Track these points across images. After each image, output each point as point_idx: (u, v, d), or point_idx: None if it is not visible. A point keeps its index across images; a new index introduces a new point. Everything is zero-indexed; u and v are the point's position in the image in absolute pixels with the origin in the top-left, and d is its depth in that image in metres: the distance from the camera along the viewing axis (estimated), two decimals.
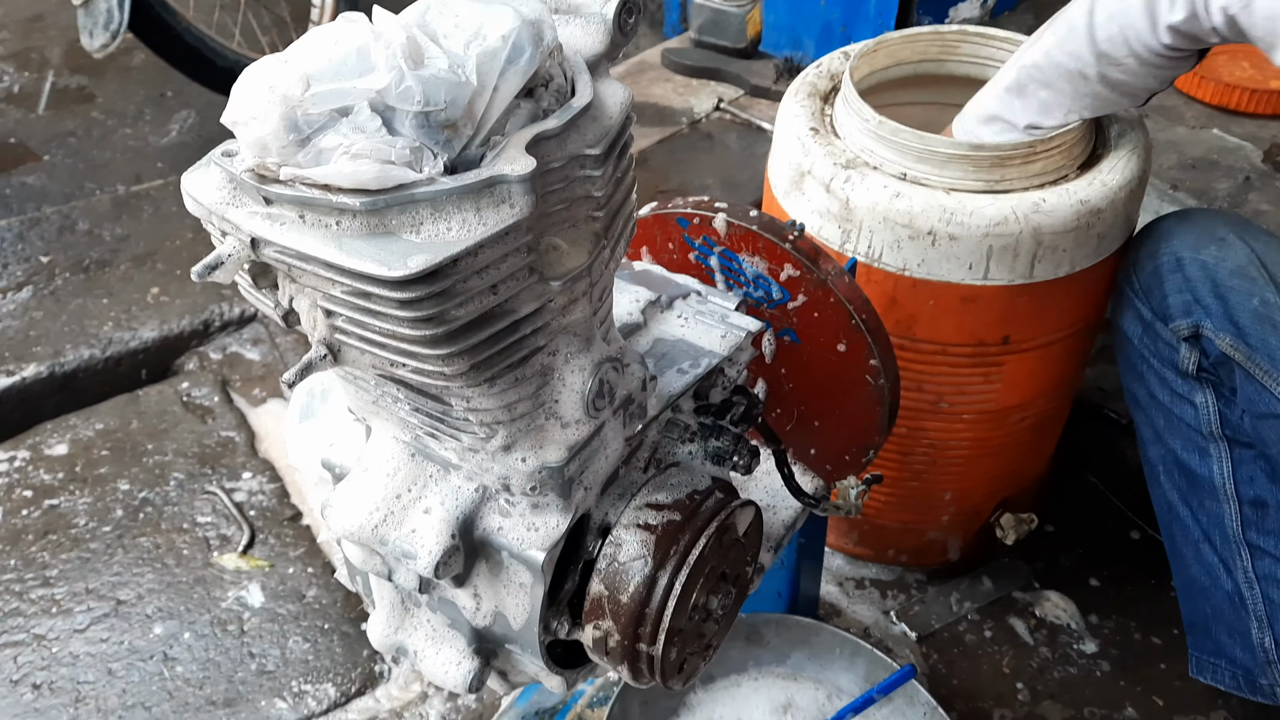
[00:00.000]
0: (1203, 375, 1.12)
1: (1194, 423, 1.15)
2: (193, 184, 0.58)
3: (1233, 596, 1.16)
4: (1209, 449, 1.15)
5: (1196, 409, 1.14)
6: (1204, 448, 1.15)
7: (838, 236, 1.16)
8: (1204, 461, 1.15)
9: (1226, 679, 1.20)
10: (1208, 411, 1.13)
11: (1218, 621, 1.19)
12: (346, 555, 0.76)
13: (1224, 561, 1.16)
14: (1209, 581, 1.19)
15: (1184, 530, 1.20)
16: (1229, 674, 1.20)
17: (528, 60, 0.57)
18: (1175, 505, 1.21)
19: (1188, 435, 1.16)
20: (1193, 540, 1.19)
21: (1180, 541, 1.22)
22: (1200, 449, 1.15)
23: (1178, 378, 1.14)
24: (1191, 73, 1.94)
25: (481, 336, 0.59)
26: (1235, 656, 1.18)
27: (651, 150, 2.09)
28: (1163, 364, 1.15)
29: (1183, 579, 1.24)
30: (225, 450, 1.64)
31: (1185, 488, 1.19)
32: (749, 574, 0.83)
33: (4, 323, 1.82)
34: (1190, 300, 1.10)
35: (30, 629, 1.40)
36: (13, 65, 2.63)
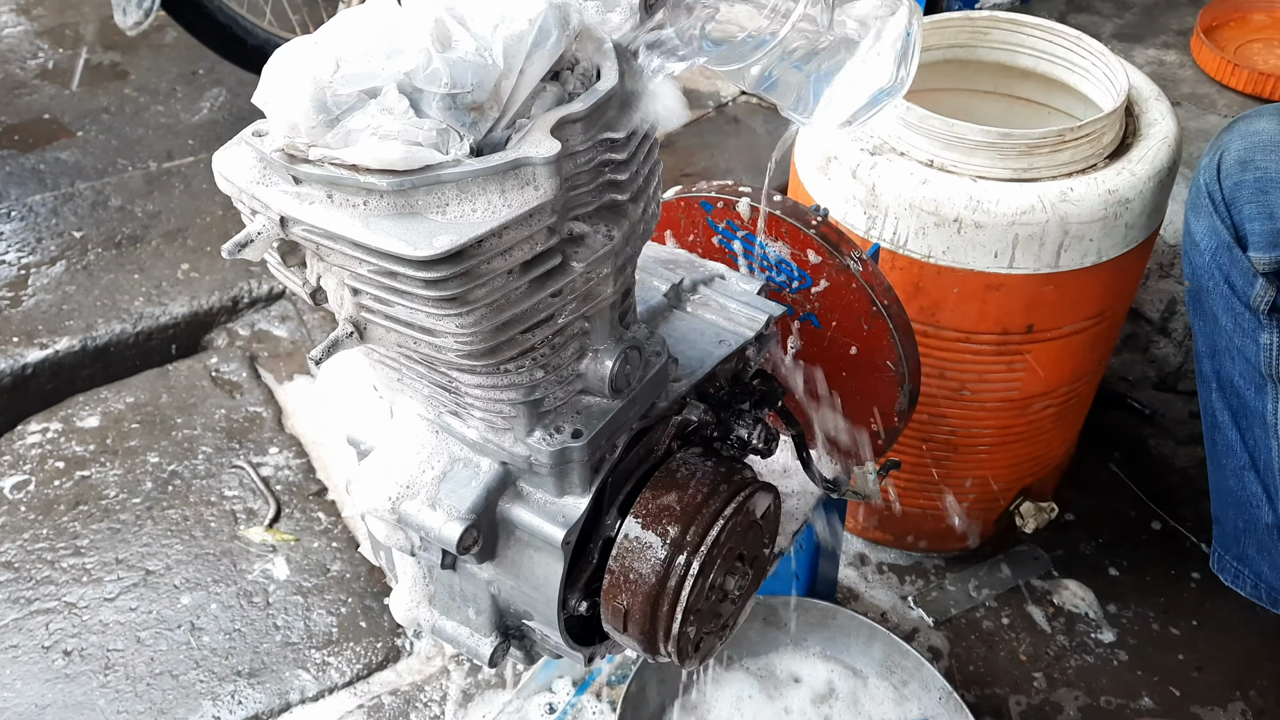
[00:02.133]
0: (1274, 315, 1.04)
1: (1254, 359, 1.07)
2: (224, 163, 0.59)
3: (1270, 528, 1.12)
4: (1265, 387, 1.07)
5: (1259, 347, 1.06)
6: (1260, 384, 1.08)
7: (863, 222, 1.16)
8: (1259, 396, 1.08)
9: (1248, 587, 1.18)
10: (1270, 353, 1.05)
11: (1249, 535, 1.15)
12: (371, 530, 0.77)
13: (1266, 490, 1.11)
14: (1246, 501, 1.14)
15: (1229, 448, 1.14)
16: (1251, 583, 1.17)
17: (554, 43, 0.58)
18: (1223, 423, 1.14)
19: (1245, 367, 1.09)
20: (1236, 461, 1.14)
21: (1222, 454, 1.16)
22: (1257, 384, 1.08)
23: (1245, 310, 1.05)
24: (1225, 61, 1.92)
25: (505, 317, 0.60)
26: (1262, 572, 1.15)
27: (677, 133, 2.09)
28: (1231, 290, 1.06)
29: (1218, 484, 1.19)
30: (253, 425, 1.66)
31: (1236, 408, 1.12)
32: (766, 556, 0.84)
33: (38, 296, 1.85)
34: (1278, 231, 0.99)
35: (61, 597, 1.43)
36: (47, 41, 2.65)
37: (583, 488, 0.72)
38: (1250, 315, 1.05)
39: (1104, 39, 1.85)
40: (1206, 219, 1.06)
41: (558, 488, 0.71)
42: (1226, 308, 1.08)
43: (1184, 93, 1.94)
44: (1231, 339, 1.09)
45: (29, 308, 1.82)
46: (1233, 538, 1.18)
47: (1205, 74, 1.99)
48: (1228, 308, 1.07)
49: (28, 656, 1.36)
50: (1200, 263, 1.08)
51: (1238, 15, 2.10)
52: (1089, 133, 1.11)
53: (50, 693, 1.32)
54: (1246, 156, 1.02)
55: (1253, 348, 1.07)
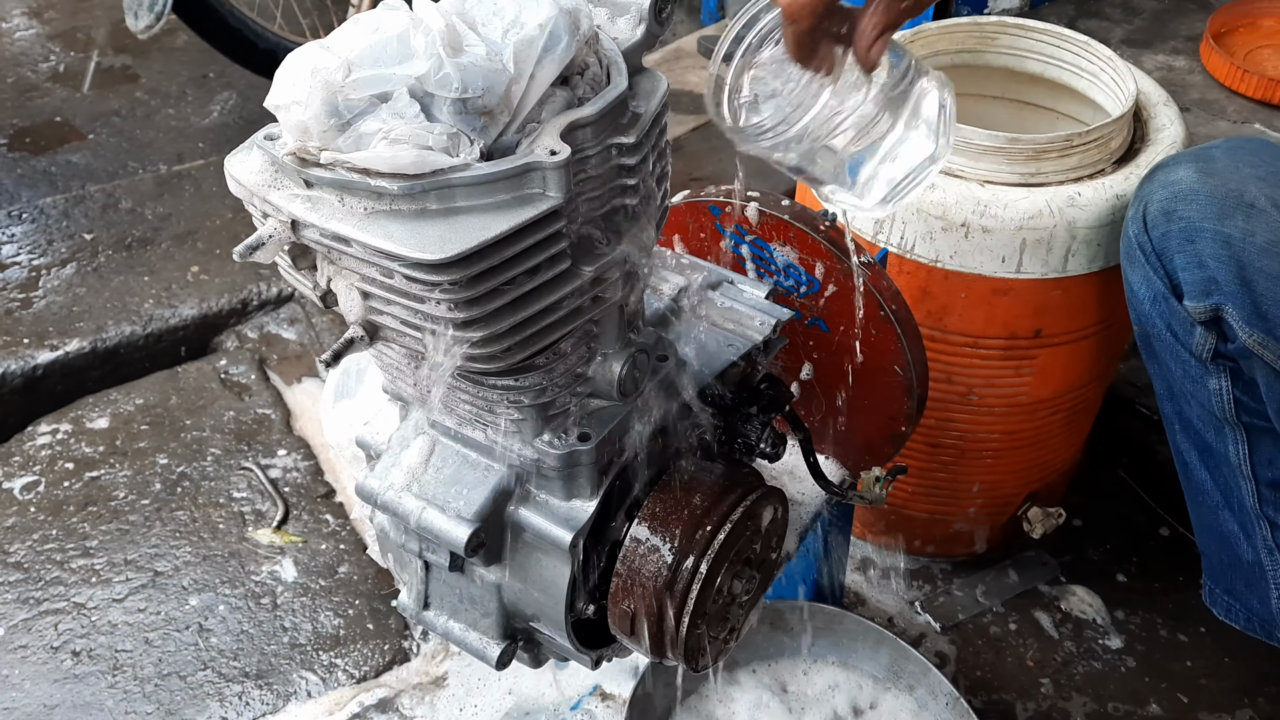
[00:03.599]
0: (1219, 360, 1.03)
1: (1207, 404, 1.06)
2: (236, 166, 0.59)
3: (1252, 565, 1.12)
4: (1224, 429, 1.07)
5: (1210, 393, 1.05)
6: (1219, 427, 1.08)
7: (870, 227, 1.16)
8: (1219, 439, 1.08)
9: (1241, 620, 1.18)
10: (1222, 398, 1.05)
11: (1235, 571, 1.15)
12: (379, 532, 0.78)
13: (1243, 528, 1.11)
14: (1226, 538, 1.14)
15: (1201, 488, 1.14)
16: (1244, 616, 1.17)
17: (564, 48, 0.58)
18: (1192, 464, 1.14)
19: (1201, 411, 1.08)
20: (1211, 501, 1.13)
21: (1196, 491, 1.15)
22: (1215, 427, 1.08)
23: (1190, 357, 1.05)
24: (1235, 67, 1.92)
25: (514, 320, 0.60)
26: (1252, 606, 1.15)
27: (686, 138, 2.09)
28: (1175, 339, 1.05)
29: (1199, 520, 1.18)
30: (261, 427, 1.67)
31: (1202, 449, 1.11)
32: (774, 560, 0.84)
33: (49, 298, 1.86)
34: (1209, 279, 0.98)
35: (70, 597, 1.43)
36: (59, 44, 2.67)
37: (590, 491, 0.72)
38: (1196, 363, 1.05)
39: (1113, 44, 1.84)
40: (1140, 269, 1.05)
41: (565, 491, 0.72)
42: (1174, 356, 1.07)
43: (1193, 98, 1.93)
44: (1183, 385, 1.08)
45: (39, 309, 1.83)
46: (1220, 572, 1.19)
47: (1215, 80, 1.98)
48: (1174, 355, 1.07)
49: (37, 657, 1.37)
50: (1142, 311, 1.08)
51: (1248, 21, 2.09)
52: (1097, 138, 1.11)
53: (59, 693, 1.33)
54: (1169, 207, 1.02)
55: (1204, 393, 1.06)
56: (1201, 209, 0.99)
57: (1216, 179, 1.01)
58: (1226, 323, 0.99)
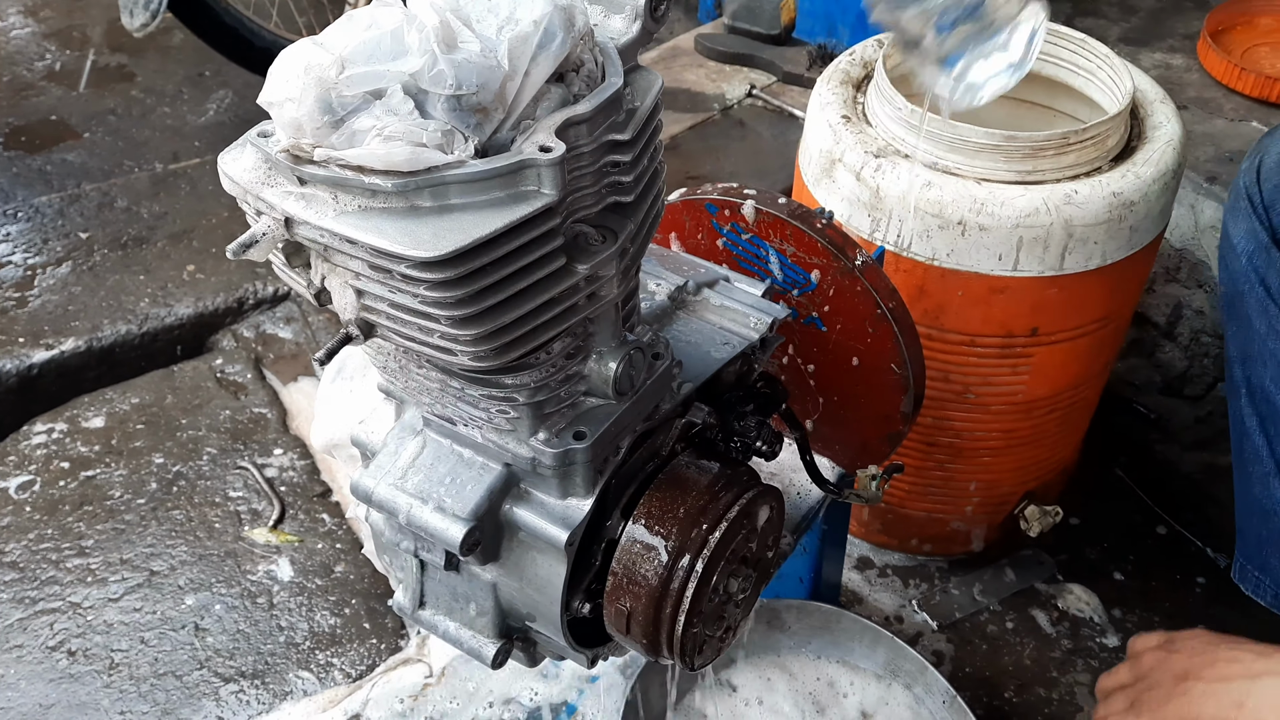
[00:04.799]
0: None
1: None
2: (229, 163, 0.59)
3: None
4: None
5: None
6: None
7: (867, 225, 1.16)
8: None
9: (1268, 596, 1.18)
10: None
11: (1272, 545, 1.16)
12: (374, 531, 0.77)
13: None
14: (1271, 509, 1.14)
15: (1255, 454, 1.15)
16: (1272, 593, 1.18)
17: (559, 45, 0.58)
18: (1251, 429, 1.15)
19: (1277, 372, 1.09)
20: (1263, 468, 1.14)
21: (1249, 460, 1.16)
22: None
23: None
24: (1232, 65, 1.92)
25: (509, 319, 0.60)
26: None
27: (683, 136, 2.09)
28: (1267, 293, 1.06)
29: (1243, 492, 1.20)
30: (257, 426, 1.66)
31: (1265, 414, 1.12)
32: (770, 559, 0.84)
33: (44, 297, 1.86)
34: None
35: (66, 597, 1.43)
36: (55, 43, 2.66)
37: (586, 489, 0.72)
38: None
39: (1110, 42, 1.84)
40: (1245, 221, 1.07)
41: (561, 489, 0.72)
42: (1261, 311, 1.08)
43: (1190, 96, 1.93)
44: (1265, 343, 1.09)
45: (35, 308, 1.83)
46: (1255, 547, 1.19)
47: (1212, 78, 1.98)
48: (1262, 311, 1.08)
49: (32, 656, 1.36)
50: (1236, 267, 1.09)
51: (1245, 19, 2.09)
52: (1094, 135, 1.11)
53: (55, 692, 1.33)
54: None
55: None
56: None
57: None
58: None
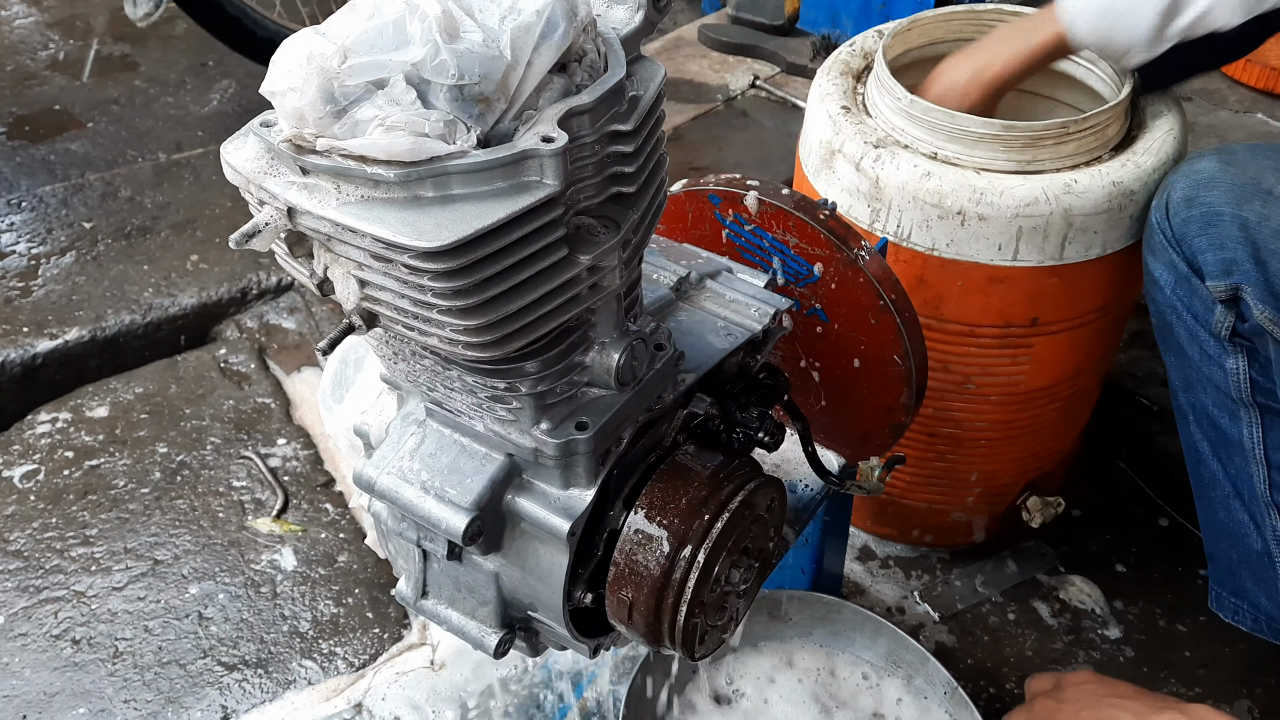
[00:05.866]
0: (1236, 340, 1.07)
1: (1223, 385, 1.10)
2: (231, 153, 0.59)
3: (1261, 555, 1.14)
4: (1239, 412, 1.11)
5: (1226, 373, 1.09)
6: (1234, 410, 1.11)
7: (867, 215, 1.16)
8: (1234, 423, 1.11)
9: (1249, 621, 1.19)
10: (1238, 377, 1.08)
11: (1243, 568, 1.17)
12: (376, 521, 0.78)
13: (1253, 518, 1.14)
14: (1236, 531, 1.16)
15: (1212, 479, 1.17)
16: (1251, 616, 1.19)
17: (561, 35, 0.58)
18: (1204, 454, 1.17)
19: (1217, 395, 1.12)
20: (1222, 492, 1.16)
21: (1208, 486, 1.18)
22: (1230, 411, 1.11)
23: (1210, 338, 1.09)
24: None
25: (511, 309, 0.60)
26: (1260, 604, 1.17)
27: (686, 127, 2.09)
28: (1195, 319, 1.10)
29: (1208, 518, 1.21)
30: (261, 416, 1.67)
31: (1215, 439, 1.15)
32: (772, 549, 0.84)
33: (48, 287, 1.86)
34: (1229, 260, 1.04)
35: (70, 586, 1.44)
36: (58, 32, 2.66)
37: (588, 480, 0.72)
38: (1215, 342, 1.09)
39: None
40: (1163, 256, 1.10)
41: (563, 480, 0.72)
42: (1191, 339, 1.11)
43: (1195, 88, 1.93)
44: (1200, 369, 1.12)
45: (39, 298, 1.83)
46: (1228, 572, 1.20)
47: (1218, 70, 1.98)
48: (1193, 338, 1.11)
49: (37, 645, 1.37)
50: (1162, 299, 1.13)
51: None
52: (1093, 125, 1.11)
53: (59, 681, 1.33)
54: (1190, 194, 1.07)
55: (1220, 374, 1.10)
56: (1221, 195, 1.05)
57: (1236, 168, 1.07)
58: (1244, 301, 1.04)
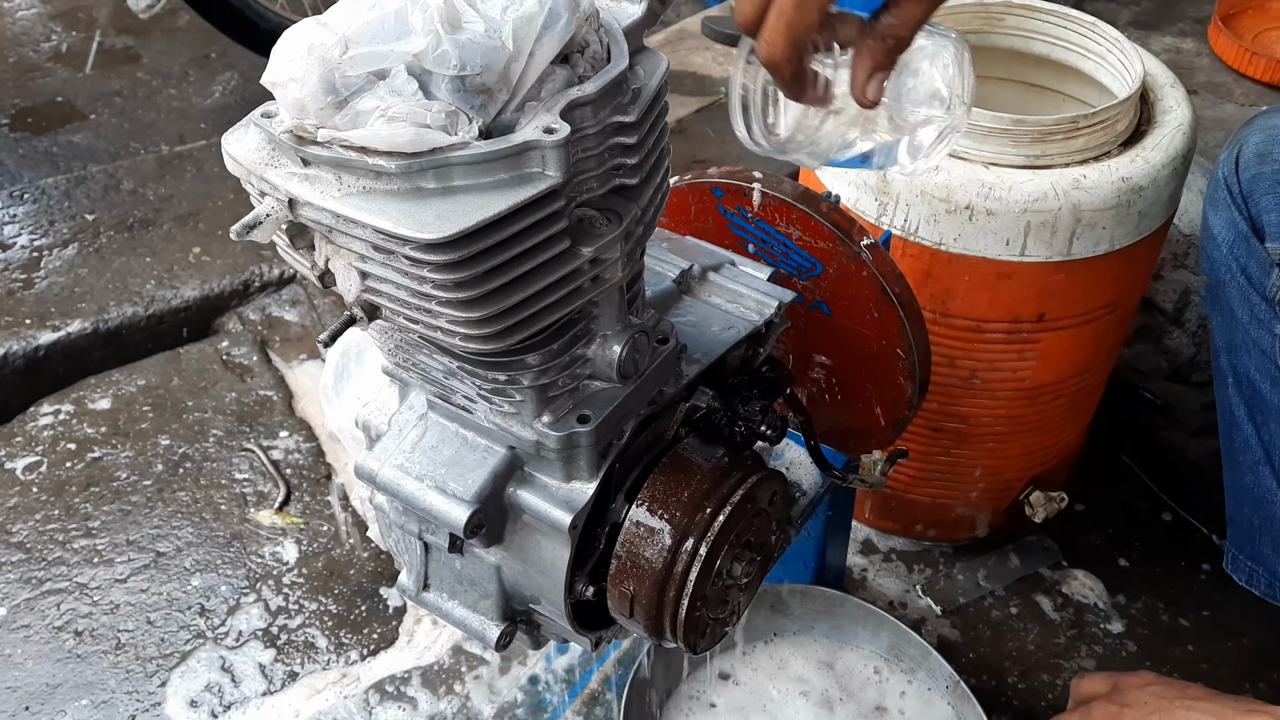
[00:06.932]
0: None
1: (1270, 351, 1.07)
2: (232, 144, 0.59)
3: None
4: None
5: (1274, 338, 1.06)
6: (1276, 377, 1.08)
7: (874, 209, 1.15)
8: (1275, 389, 1.08)
9: (1262, 586, 1.18)
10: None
11: (1264, 534, 1.15)
12: (378, 513, 0.77)
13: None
14: (1262, 497, 1.14)
15: (1244, 442, 1.15)
16: (1265, 581, 1.18)
17: (564, 26, 0.57)
18: (1239, 417, 1.14)
19: (1261, 360, 1.09)
20: (1252, 456, 1.14)
21: (1239, 449, 1.16)
22: (1273, 377, 1.08)
23: (1262, 301, 1.06)
24: (1243, 49, 1.91)
25: (513, 301, 0.60)
26: (1276, 570, 1.15)
27: (689, 119, 2.08)
28: (1248, 281, 1.06)
29: (1234, 481, 1.19)
30: (263, 409, 1.67)
31: (1252, 402, 1.12)
32: (774, 543, 0.84)
33: (50, 279, 1.86)
34: None
35: (73, 577, 1.44)
36: (61, 24, 2.66)
37: (590, 473, 0.72)
38: (1267, 306, 1.06)
39: (1120, 26, 1.83)
40: (1224, 212, 1.07)
41: (565, 473, 0.71)
42: (1243, 300, 1.08)
43: (1201, 81, 1.92)
44: (1248, 332, 1.09)
45: (41, 290, 1.83)
46: (1248, 536, 1.18)
47: (1223, 62, 1.97)
48: (1244, 300, 1.08)
49: (39, 636, 1.37)
50: (1218, 256, 1.09)
51: (1256, 3, 2.08)
52: (1103, 120, 1.10)
53: (61, 672, 1.33)
54: (1265, 149, 1.03)
55: (1268, 339, 1.07)
56: None
57: None
58: None
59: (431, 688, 1.31)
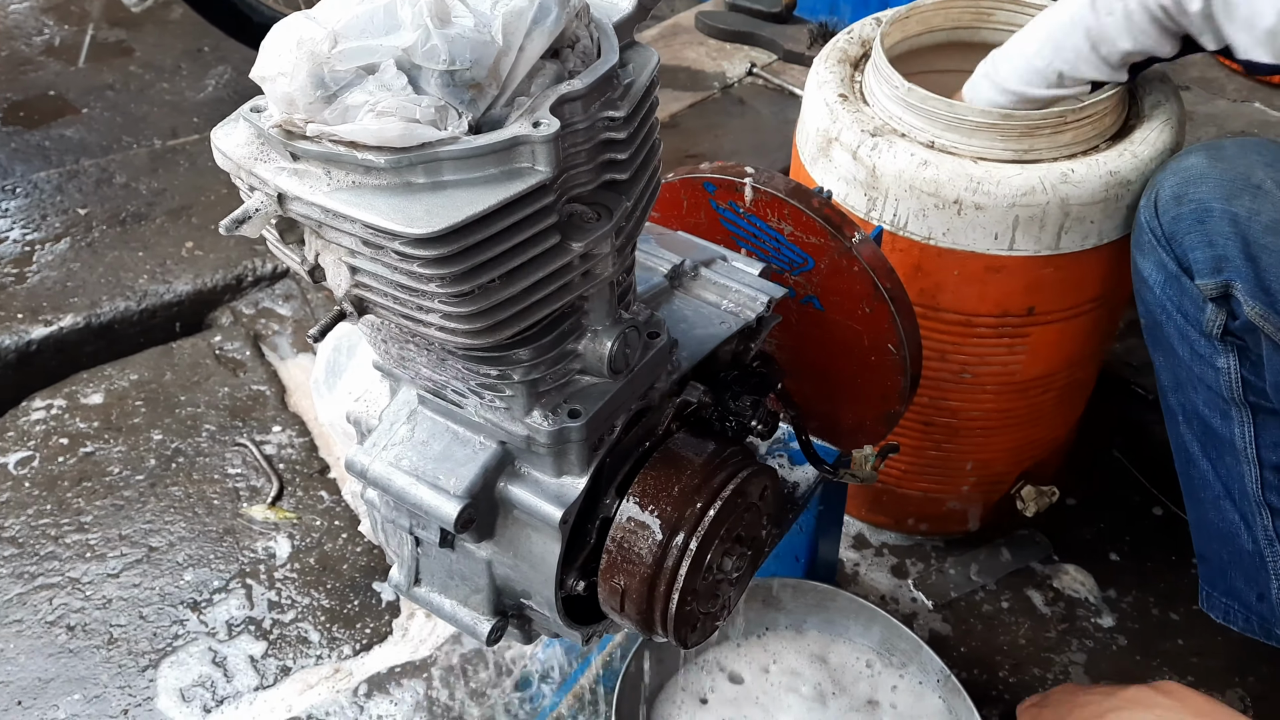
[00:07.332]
0: (1228, 338, 1.06)
1: (1214, 385, 1.09)
2: (222, 139, 0.59)
3: (1252, 555, 1.14)
4: (1230, 412, 1.09)
5: (1218, 372, 1.08)
6: (1225, 410, 1.10)
7: (864, 204, 1.15)
8: (1225, 423, 1.10)
9: (1240, 621, 1.19)
10: (1229, 376, 1.07)
11: (1235, 568, 1.16)
12: (369, 508, 0.78)
13: (1244, 518, 1.13)
14: (1227, 532, 1.15)
15: (1202, 479, 1.16)
16: (1242, 616, 1.18)
17: (554, 21, 0.57)
18: (1194, 454, 1.16)
19: (1208, 395, 1.11)
20: (1212, 492, 1.15)
21: (1198, 486, 1.17)
22: (1221, 411, 1.10)
23: (1200, 337, 1.08)
24: None
25: (503, 296, 0.60)
26: (1250, 604, 1.16)
27: (682, 114, 2.08)
28: (1185, 319, 1.08)
29: (1197, 518, 1.20)
30: (256, 403, 1.67)
31: (1205, 438, 1.14)
32: (765, 538, 0.84)
33: (43, 273, 1.85)
34: (1219, 257, 1.02)
35: (65, 572, 1.44)
36: (53, 18, 2.65)
37: (581, 468, 0.72)
38: (1205, 341, 1.08)
39: None
40: (1152, 255, 1.09)
41: (556, 467, 0.72)
42: (1182, 338, 1.10)
43: (1192, 76, 1.93)
44: (1190, 369, 1.11)
45: (33, 284, 1.83)
46: (1219, 572, 1.20)
47: (1214, 58, 1.97)
48: (1183, 338, 1.10)
49: (31, 631, 1.37)
50: (1151, 299, 1.11)
51: None
52: (1091, 114, 1.10)
53: (54, 667, 1.33)
54: (1180, 191, 1.05)
55: (1212, 374, 1.09)
56: (1210, 190, 1.03)
57: (1225, 164, 1.05)
58: (1235, 298, 1.03)
59: (425, 682, 1.31)
